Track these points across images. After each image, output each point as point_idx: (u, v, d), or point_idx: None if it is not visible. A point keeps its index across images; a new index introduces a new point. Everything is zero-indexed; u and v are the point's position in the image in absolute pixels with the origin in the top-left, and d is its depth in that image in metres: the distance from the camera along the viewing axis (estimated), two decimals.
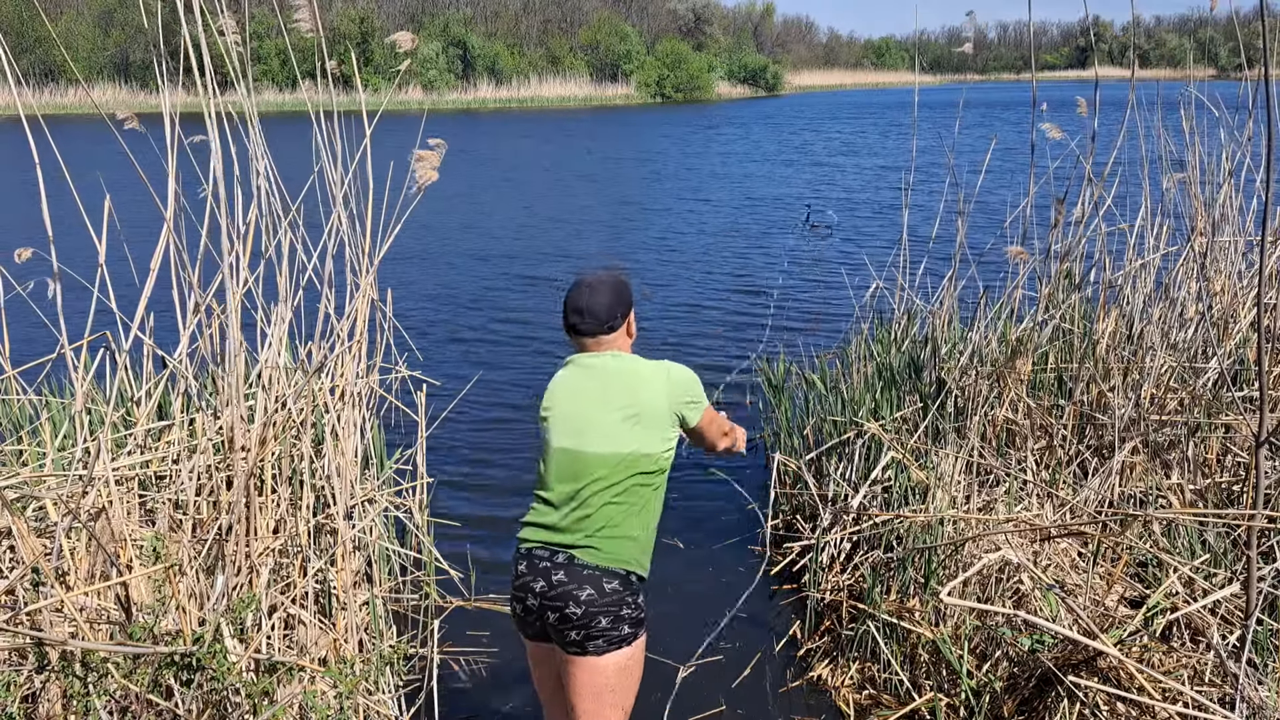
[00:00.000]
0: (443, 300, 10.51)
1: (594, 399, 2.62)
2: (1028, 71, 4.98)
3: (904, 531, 3.94)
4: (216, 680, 2.56)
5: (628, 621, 2.53)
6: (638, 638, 2.58)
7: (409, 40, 3.59)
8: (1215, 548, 3.69)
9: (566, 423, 2.63)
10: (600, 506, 2.54)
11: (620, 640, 2.53)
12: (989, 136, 8.61)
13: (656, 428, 2.62)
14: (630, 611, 2.54)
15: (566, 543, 2.54)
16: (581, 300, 2.66)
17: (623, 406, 2.59)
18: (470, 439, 6.44)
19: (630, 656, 2.56)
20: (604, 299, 2.66)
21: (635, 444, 2.58)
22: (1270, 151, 2.53)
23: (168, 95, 3.32)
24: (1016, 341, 4.62)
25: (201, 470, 3.50)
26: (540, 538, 2.59)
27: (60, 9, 54.90)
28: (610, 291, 2.68)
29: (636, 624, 2.57)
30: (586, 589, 2.49)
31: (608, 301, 2.66)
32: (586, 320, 2.65)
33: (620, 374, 2.64)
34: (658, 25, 70.76)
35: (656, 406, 2.62)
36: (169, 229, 3.31)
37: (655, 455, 2.61)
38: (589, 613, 2.48)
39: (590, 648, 2.51)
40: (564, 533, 2.56)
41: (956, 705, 3.36)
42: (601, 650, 2.51)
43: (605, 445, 2.57)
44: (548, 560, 2.54)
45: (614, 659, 2.53)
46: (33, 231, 2.95)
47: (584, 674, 2.54)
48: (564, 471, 2.60)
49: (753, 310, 9.82)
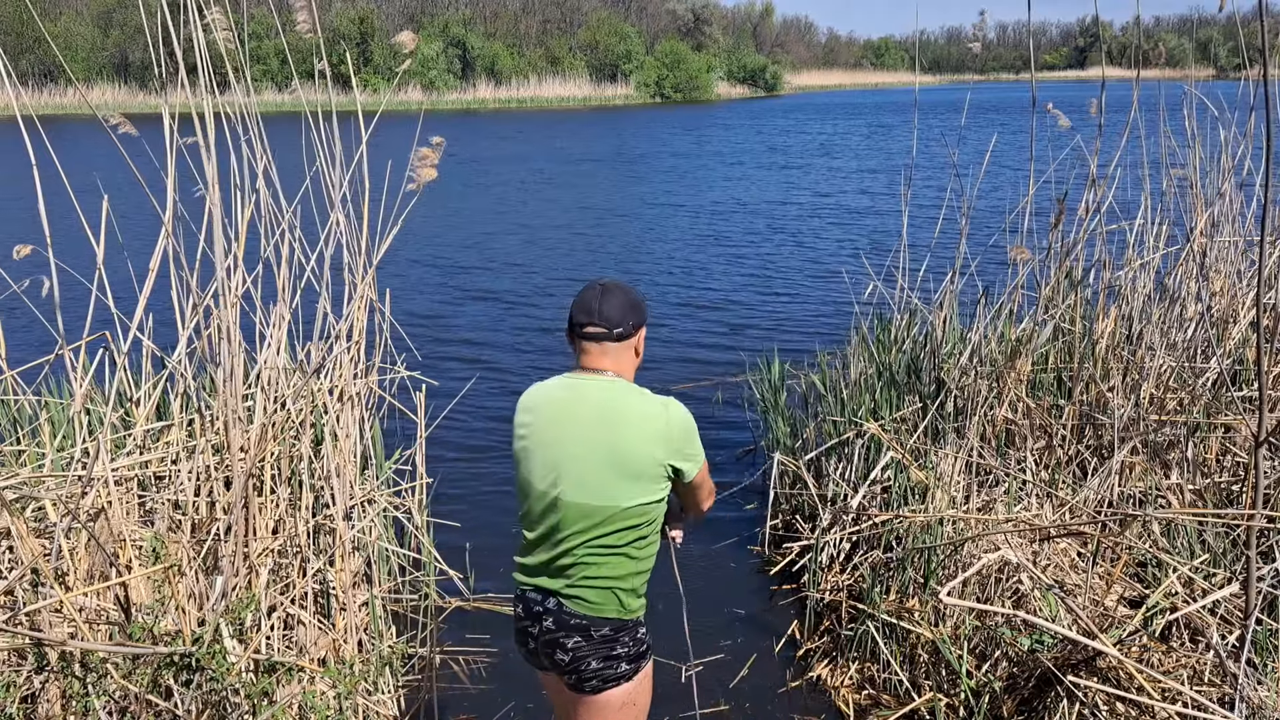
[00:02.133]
0: (442, 300, 10.51)
1: (575, 435, 2.36)
2: (1027, 71, 4.97)
3: (903, 531, 3.94)
4: (216, 680, 2.56)
5: (624, 659, 2.42)
6: (639, 671, 2.46)
7: (412, 40, 3.59)
8: (1215, 548, 3.69)
9: (543, 453, 2.39)
10: (582, 556, 2.35)
11: (617, 678, 2.42)
12: (975, 140, 8.61)
13: (645, 479, 2.33)
14: (626, 650, 2.42)
15: (553, 589, 2.40)
16: (593, 301, 2.40)
17: (608, 452, 2.32)
18: (469, 439, 6.44)
19: (630, 692, 2.45)
20: (618, 303, 2.41)
21: (616, 498, 2.32)
22: (1270, 151, 2.53)
23: (166, 95, 3.31)
24: (1016, 341, 4.62)
25: (200, 471, 3.50)
26: (530, 581, 2.47)
27: (59, 9, 54.90)
28: (625, 298, 2.43)
29: (636, 659, 2.44)
30: (574, 637, 2.39)
31: (621, 307, 2.41)
32: (595, 322, 2.39)
33: (611, 409, 2.35)
34: (657, 25, 70.79)
35: (647, 456, 2.33)
36: (168, 229, 3.31)
37: (647, 505, 2.37)
38: (578, 657, 2.39)
39: (586, 688, 2.42)
40: (548, 577, 2.42)
41: (956, 705, 3.36)
42: (598, 689, 2.42)
43: (582, 495, 2.33)
44: (539, 605, 2.43)
45: (613, 696, 2.43)
46: (31, 232, 2.95)
47: (585, 710, 2.48)
48: (542, 512, 2.41)
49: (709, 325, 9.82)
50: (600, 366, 2.42)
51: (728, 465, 5.92)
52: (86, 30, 53.09)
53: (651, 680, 2.54)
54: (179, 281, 3.47)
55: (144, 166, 3.44)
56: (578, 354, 2.46)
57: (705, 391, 7.22)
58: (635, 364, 2.49)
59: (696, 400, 7.01)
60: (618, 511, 2.32)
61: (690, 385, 7.32)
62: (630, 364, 2.47)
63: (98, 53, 52.57)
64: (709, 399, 7.05)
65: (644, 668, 2.47)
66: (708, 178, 21.39)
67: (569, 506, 2.34)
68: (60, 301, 3.15)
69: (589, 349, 2.42)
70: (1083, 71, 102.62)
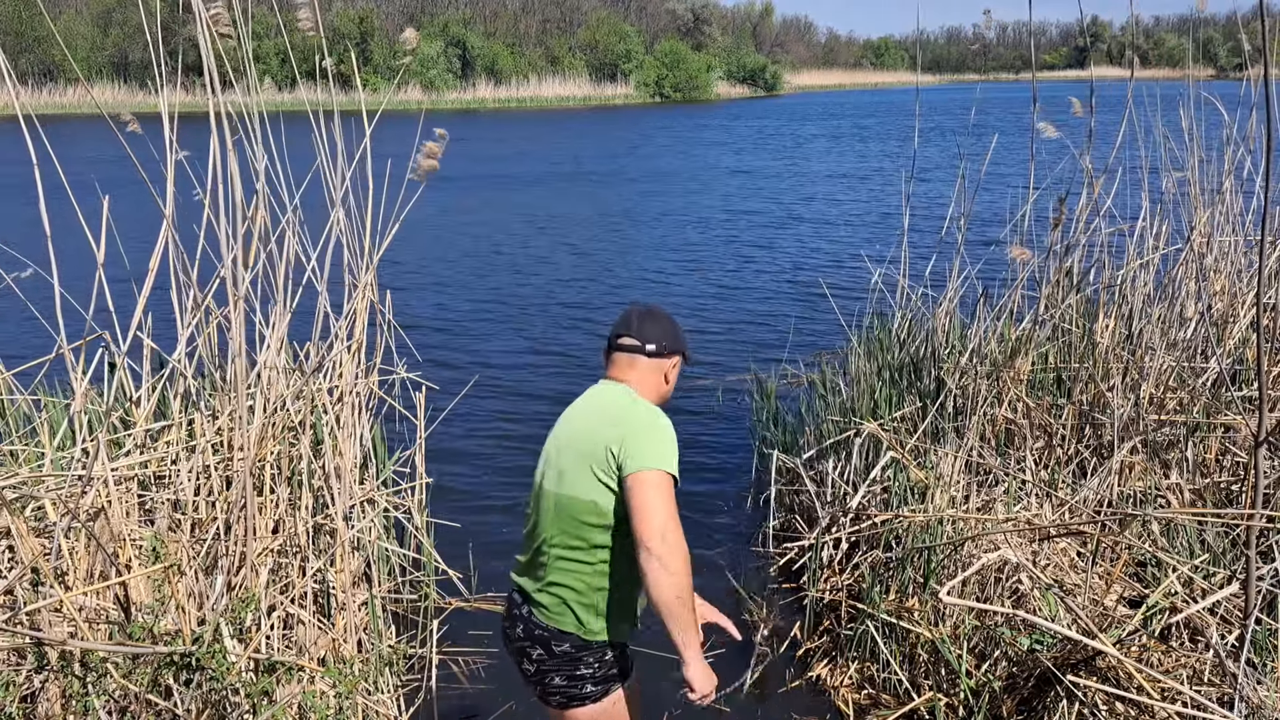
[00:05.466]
0: (443, 301, 10.51)
1: (568, 430, 2.42)
2: (1026, 71, 4.98)
3: (903, 531, 3.94)
4: (216, 680, 2.56)
5: (589, 680, 2.38)
6: (607, 695, 2.41)
7: (415, 38, 3.62)
8: (1214, 547, 3.69)
9: (546, 448, 2.48)
10: (552, 557, 2.37)
11: (582, 698, 2.39)
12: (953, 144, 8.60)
13: (598, 469, 2.28)
14: (591, 671, 2.38)
15: (527, 589, 2.44)
16: (634, 318, 2.48)
17: (577, 447, 2.35)
18: (470, 440, 6.44)
19: (599, 712, 2.40)
20: (657, 325, 2.47)
21: (577, 488, 2.32)
22: (1270, 151, 2.53)
23: (166, 95, 3.31)
24: (1016, 341, 4.62)
25: (200, 470, 3.50)
26: (516, 579, 2.51)
27: (60, 9, 54.88)
28: (667, 324, 2.49)
29: (604, 681, 2.40)
30: (538, 649, 2.39)
31: (659, 329, 2.47)
32: (630, 334, 2.45)
33: (603, 407, 2.40)
34: (657, 25, 70.78)
35: (601, 439, 2.29)
36: (168, 229, 3.30)
37: (598, 504, 2.29)
38: (542, 670, 2.40)
39: (552, 701, 2.42)
40: (528, 577, 2.46)
41: (956, 705, 3.36)
42: (563, 705, 2.41)
43: (558, 486, 2.37)
44: (518, 608, 2.47)
45: (579, 715, 2.41)
46: (31, 232, 2.95)
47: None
48: (533, 505, 2.48)
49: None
50: (622, 378, 2.46)
51: (728, 465, 5.92)
52: (86, 30, 53.05)
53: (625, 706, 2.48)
54: (179, 281, 3.47)
55: (144, 166, 3.44)
56: (606, 367, 2.52)
57: (705, 390, 7.22)
58: (659, 390, 2.50)
59: (697, 399, 7.02)
60: (579, 503, 2.31)
61: (690, 385, 7.32)
62: (654, 387, 2.48)
63: (97, 52, 52.54)
64: (709, 398, 7.06)
65: (614, 691, 2.42)
66: (712, 182, 21.39)
67: (547, 496, 2.40)
68: (60, 301, 3.15)
69: (617, 360, 2.48)
70: (1083, 71, 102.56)
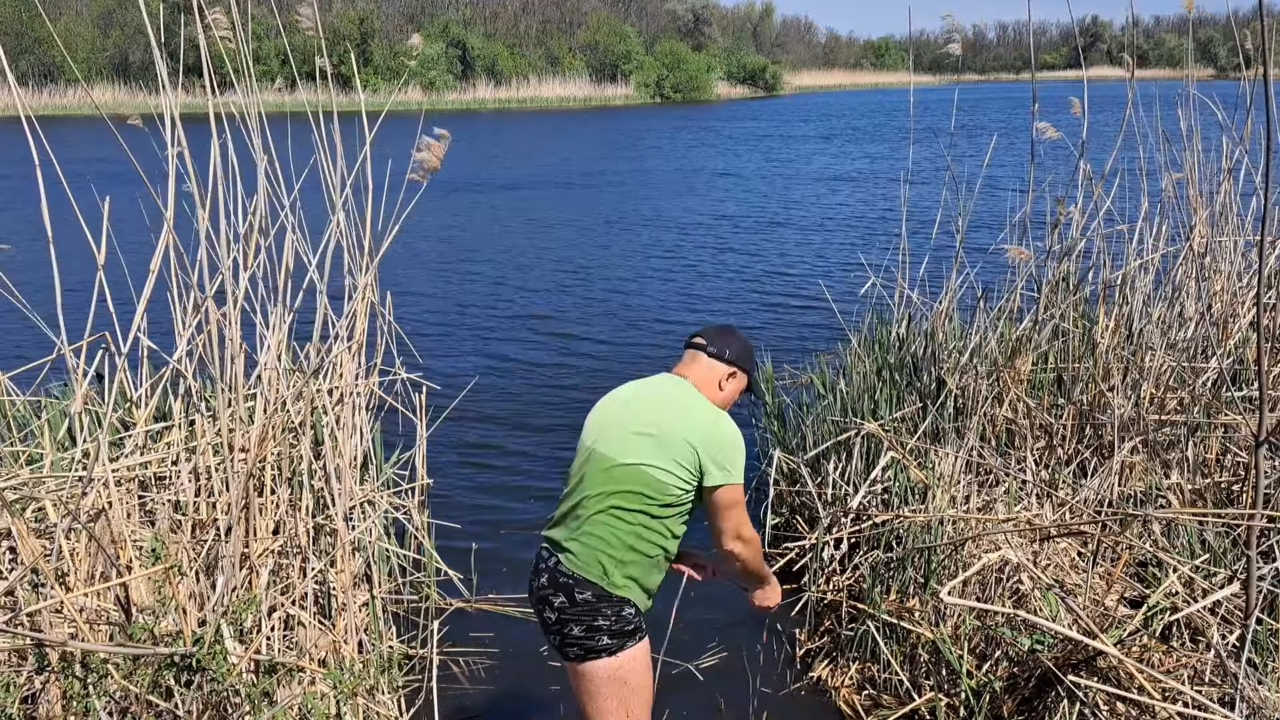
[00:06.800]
0: (443, 301, 10.51)
1: (628, 407, 2.59)
2: (1026, 71, 4.97)
3: (904, 531, 3.94)
4: (216, 681, 2.56)
5: (606, 632, 2.46)
6: (624, 649, 2.48)
7: (420, 41, 3.64)
8: (1215, 547, 3.68)
9: (596, 416, 2.64)
10: (592, 512, 2.49)
11: (598, 650, 2.46)
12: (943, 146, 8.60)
13: (671, 455, 2.46)
14: (609, 622, 2.46)
15: (559, 539, 2.55)
16: (713, 328, 2.72)
17: (645, 423, 2.51)
18: (470, 440, 6.44)
19: (614, 668, 2.47)
20: (730, 338, 2.70)
21: (641, 457, 2.47)
22: (1270, 151, 2.53)
23: (167, 95, 3.31)
24: (1016, 341, 4.62)
25: (201, 471, 3.50)
26: (547, 534, 2.63)
27: (60, 10, 54.89)
28: (740, 340, 2.71)
29: (620, 635, 2.48)
30: (560, 596, 2.48)
31: (731, 342, 2.69)
32: (703, 335, 2.69)
33: (664, 397, 2.57)
34: (657, 25, 70.79)
35: (682, 439, 2.47)
36: (168, 228, 3.30)
37: (663, 483, 2.47)
38: (562, 619, 2.48)
39: (570, 654, 2.50)
40: (559, 527, 2.59)
41: (956, 705, 3.36)
42: (580, 658, 2.48)
43: (612, 450, 2.51)
44: (545, 561, 2.57)
45: (597, 668, 2.47)
46: (30, 232, 2.95)
47: (575, 679, 2.55)
48: (578, 467, 2.60)
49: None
50: (684, 373, 2.67)
51: None
52: (86, 30, 53.06)
53: (648, 667, 2.56)
54: (179, 281, 3.47)
55: (144, 166, 3.44)
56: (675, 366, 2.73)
57: None
58: (715, 395, 2.65)
59: None
60: (638, 472, 2.46)
61: None
62: (713, 387, 2.65)
63: (98, 53, 52.55)
64: None
65: (630, 647, 2.50)
66: (712, 184, 21.39)
67: (598, 458, 2.52)
68: (60, 301, 3.15)
69: (685, 356, 2.71)
70: (1083, 71, 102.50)
